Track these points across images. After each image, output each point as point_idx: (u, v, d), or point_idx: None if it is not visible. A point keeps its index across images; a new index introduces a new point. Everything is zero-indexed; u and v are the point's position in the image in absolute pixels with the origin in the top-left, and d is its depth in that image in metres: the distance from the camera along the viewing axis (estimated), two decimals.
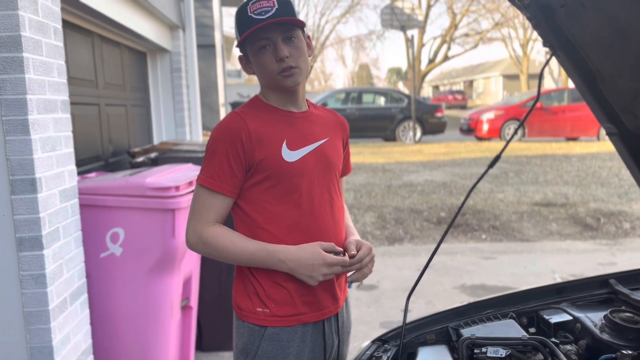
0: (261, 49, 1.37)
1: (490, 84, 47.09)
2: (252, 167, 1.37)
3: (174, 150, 3.28)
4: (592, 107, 1.43)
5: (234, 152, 1.35)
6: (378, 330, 3.46)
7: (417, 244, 5.55)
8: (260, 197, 1.39)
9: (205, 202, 1.38)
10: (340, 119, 1.59)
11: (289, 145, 1.40)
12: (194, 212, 1.40)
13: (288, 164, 1.38)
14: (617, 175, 8.43)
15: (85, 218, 2.34)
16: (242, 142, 1.35)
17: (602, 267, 4.67)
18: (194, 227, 1.39)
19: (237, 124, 1.37)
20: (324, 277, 1.35)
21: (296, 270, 1.35)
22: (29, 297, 1.92)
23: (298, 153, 1.41)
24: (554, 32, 1.34)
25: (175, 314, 2.56)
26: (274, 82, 1.40)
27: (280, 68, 1.37)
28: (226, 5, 14.71)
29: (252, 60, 1.41)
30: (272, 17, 1.33)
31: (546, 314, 1.47)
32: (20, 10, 1.80)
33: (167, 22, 4.66)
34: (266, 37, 1.35)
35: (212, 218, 1.38)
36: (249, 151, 1.36)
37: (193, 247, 1.40)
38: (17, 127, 1.84)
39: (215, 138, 1.38)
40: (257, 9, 1.34)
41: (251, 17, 1.35)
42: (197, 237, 1.38)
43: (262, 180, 1.38)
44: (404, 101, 15.26)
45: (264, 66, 1.38)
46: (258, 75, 1.43)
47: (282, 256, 1.35)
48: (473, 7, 30.94)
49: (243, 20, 1.36)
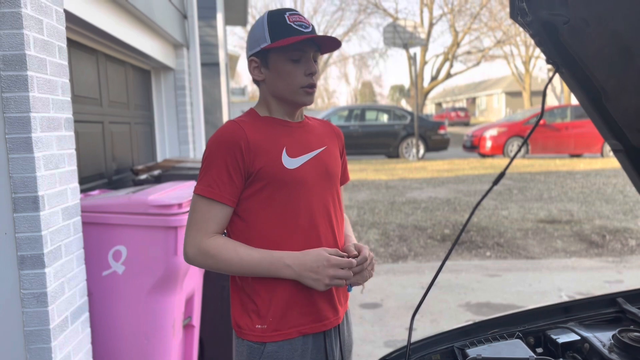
0: (294, 60, 1.37)
1: (493, 101, 47.22)
2: (251, 175, 1.36)
3: (177, 168, 3.28)
4: (597, 124, 1.43)
5: (233, 161, 1.34)
6: (382, 349, 3.42)
7: (421, 261, 5.51)
8: (259, 206, 1.37)
9: (205, 212, 1.35)
10: (334, 129, 1.60)
11: (289, 152, 1.39)
12: (192, 223, 1.36)
13: (289, 171, 1.37)
14: (622, 192, 8.39)
15: (87, 236, 2.33)
16: (242, 151, 1.34)
17: (609, 284, 4.61)
18: (193, 238, 1.35)
19: (235, 132, 1.36)
20: (331, 280, 1.33)
21: (302, 274, 1.33)
22: (29, 316, 1.91)
23: (298, 160, 1.40)
24: (557, 49, 1.33)
25: (177, 332, 2.54)
26: (292, 95, 1.40)
27: (307, 82, 1.39)
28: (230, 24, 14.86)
29: (274, 67, 1.39)
30: (312, 32, 1.37)
31: (553, 334, 1.45)
32: (25, 29, 1.82)
33: (172, 40, 4.70)
34: (303, 50, 1.37)
35: (212, 229, 1.35)
36: (248, 160, 1.34)
37: (192, 259, 1.36)
38: (20, 145, 1.84)
39: (213, 147, 1.36)
40: (296, 21, 1.36)
41: (292, 26, 1.36)
42: (197, 249, 1.35)
43: (262, 188, 1.36)
44: (406, 118, 15.30)
45: (289, 76, 1.38)
46: (273, 83, 1.41)
47: (288, 261, 1.33)
48: (475, 25, 31.19)
49: (280, 27, 1.36)
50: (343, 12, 38.69)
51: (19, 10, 1.79)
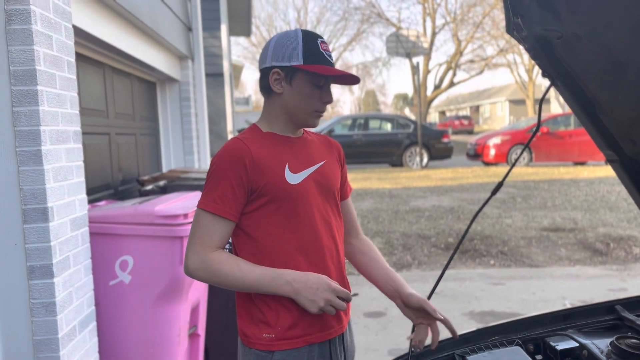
0: (317, 86, 1.44)
1: (497, 109, 47.24)
2: (255, 191, 1.39)
3: (182, 178, 3.32)
4: (592, 134, 1.46)
5: (237, 177, 1.37)
6: (386, 357, 3.44)
7: (425, 269, 5.52)
8: (262, 221, 1.41)
9: (208, 227, 1.38)
10: (333, 142, 1.64)
11: (291, 168, 1.43)
12: (195, 237, 1.39)
13: (291, 186, 1.41)
14: (626, 199, 8.38)
15: (94, 246, 2.38)
16: (246, 167, 1.38)
17: (613, 292, 4.62)
18: (196, 252, 1.38)
19: (240, 149, 1.39)
20: (325, 304, 1.35)
21: (300, 291, 1.35)
22: (38, 325, 1.95)
23: (300, 176, 1.44)
24: (551, 63, 1.37)
25: (183, 341, 2.57)
26: (304, 115, 1.46)
27: (320, 108, 1.46)
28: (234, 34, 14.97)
29: (297, 86, 1.43)
30: (334, 65, 1.46)
31: (552, 341, 1.47)
32: (35, 45, 1.87)
33: (177, 52, 4.77)
34: (327, 79, 1.45)
35: (215, 243, 1.38)
36: (253, 176, 1.38)
37: (192, 273, 1.38)
38: (30, 158, 1.89)
39: (219, 164, 1.40)
40: (326, 50, 1.45)
41: (323, 55, 1.43)
42: (199, 263, 1.37)
43: (265, 203, 1.40)
44: (410, 127, 15.34)
45: (309, 99, 1.44)
46: (290, 100, 1.45)
47: (289, 277, 1.36)
48: (478, 34, 31.28)
49: (314, 52, 1.42)
50: (346, 22, 38.86)
51: (30, 27, 1.85)
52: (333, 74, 1.42)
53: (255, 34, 35.49)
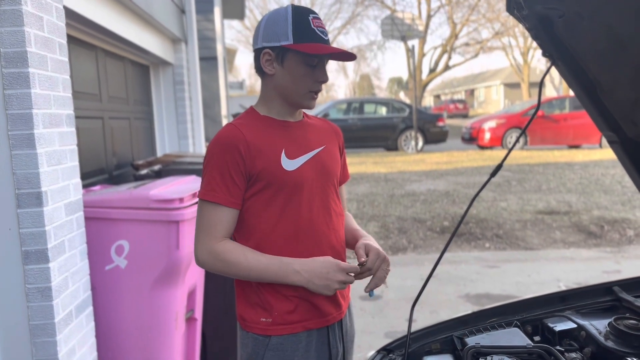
0: (311, 65, 1.38)
1: (492, 93, 47.18)
2: (252, 177, 1.37)
3: (177, 163, 3.30)
4: (592, 115, 1.45)
5: (234, 164, 1.35)
6: (382, 340, 3.46)
7: (420, 253, 5.54)
8: (259, 207, 1.39)
9: (211, 217, 1.37)
10: (333, 127, 1.61)
11: (288, 154, 1.41)
12: (201, 229, 1.38)
13: (287, 172, 1.39)
14: (620, 182, 8.42)
15: (90, 231, 2.36)
16: (241, 153, 1.35)
17: (607, 274, 4.65)
18: (203, 244, 1.37)
19: (234, 135, 1.37)
20: (340, 285, 1.35)
21: (311, 280, 1.34)
22: (34, 310, 1.93)
23: (297, 162, 1.41)
24: (553, 42, 1.35)
25: (180, 325, 2.57)
26: (298, 96, 1.42)
27: (314, 88, 1.41)
28: (227, 17, 14.81)
29: (289, 66, 1.39)
30: (329, 41, 1.39)
31: (550, 322, 1.47)
32: (26, 27, 1.83)
33: (170, 35, 4.71)
34: (321, 59, 1.39)
35: (220, 233, 1.37)
36: (249, 161, 1.36)
37: (203, 264, 1.38)
38: (23, 142, 1.86)
39: (214, 151, 1.37)
40: (318, 26, 1.38)
41: (315, 32, 1.36)
42: (208, 254, 1.36)
43: (262, 189, 1.38)
44: (405, 111, 15.30)
45: (302, 79, 1.39)
46: (283, 81, 1.41)
47: (297, 267, 1.35)
48: (473, 17, 31.09)
49: (305, 29, 1.36)
50: (341, 4, 38.42)
51: (20, 7, 1.81)
52: (324, 52, 1.35)
53: (249, 17, 35.11)
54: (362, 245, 1.46)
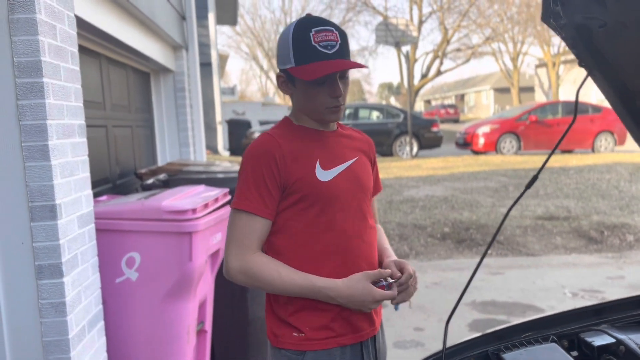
0: (319, 83, 1.33)
1: (482, 98, 47.46)
2: (287, 187, 1.34)
3: (185, 172, 3.25)
4: (628, 125, 1.42)
5: (269, 174, 1.32)
6: (392, 350, 3.42)
7: (422, 260, 5.51)
8: (293, 219, 1.36)
9: (245, 227, 1.33)
10: (366, 138, 1.58)
11: (322, 164, 1.38)
12: (233, 240, 1.34)
13: (322, 183, 1.36)
14: (617, 187, 8.46)
15: (100, 243, 2.30)
16: (277, 163, 1.32)
17: (612, 280, 4.65)
18: (236, 255, 1.33)
19: (270, 144, 1.34)
20: (375, 305, 1.36)
21: (346, 305, 1.35)
22: (48, 326, 1.88)
23: (331, 173, 1.38)
24: (590, 52, 1.33)
25: (191, 339, 2.51)
26: (317, 114, 1.39)
27: (331, 104, 1.36)
28: (220, 23, 14.77)
29: (299, 87, 1.37)
30: (338, 53, 1.31)
31: (588, 337, 1.45)
32: (40, 36, 1.78)
33: (171, 42, 4.67)
34: (328, 75, 1.31)
35: (254, 245, 1.34)
36: (284, 171, 1.33)
37: (233, 277, 1.35)
38: (37, 153, 1.81)
39: (249, 160, 1.35)
40: (322, 41, 1.30)
41: (316, 48, 1.30)
42: (240, 267, 1.33)
43: (297, 201, 1.35)
44: (399, 116, 15.32)
45: (313, 98, 1.35)
46: (299, 101, 1.40)
47: (332, 294, 1.32)
48: (464, 23, 31.26)
49: (305, 48, 1.31)
50: (332, 10, 38.38)
51: (34, 16, 1.76)
52: (321, 75, 1.28)
53: (240, 23, 35.09)
54: (393, 263, 1.45)
